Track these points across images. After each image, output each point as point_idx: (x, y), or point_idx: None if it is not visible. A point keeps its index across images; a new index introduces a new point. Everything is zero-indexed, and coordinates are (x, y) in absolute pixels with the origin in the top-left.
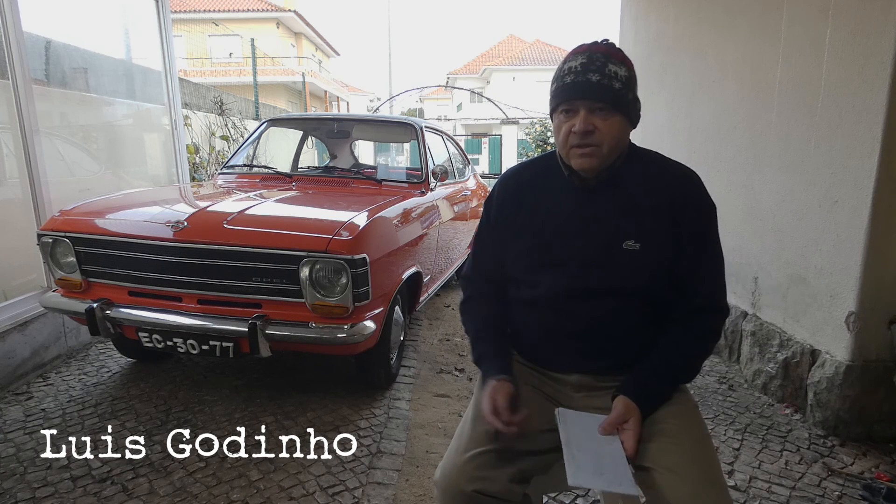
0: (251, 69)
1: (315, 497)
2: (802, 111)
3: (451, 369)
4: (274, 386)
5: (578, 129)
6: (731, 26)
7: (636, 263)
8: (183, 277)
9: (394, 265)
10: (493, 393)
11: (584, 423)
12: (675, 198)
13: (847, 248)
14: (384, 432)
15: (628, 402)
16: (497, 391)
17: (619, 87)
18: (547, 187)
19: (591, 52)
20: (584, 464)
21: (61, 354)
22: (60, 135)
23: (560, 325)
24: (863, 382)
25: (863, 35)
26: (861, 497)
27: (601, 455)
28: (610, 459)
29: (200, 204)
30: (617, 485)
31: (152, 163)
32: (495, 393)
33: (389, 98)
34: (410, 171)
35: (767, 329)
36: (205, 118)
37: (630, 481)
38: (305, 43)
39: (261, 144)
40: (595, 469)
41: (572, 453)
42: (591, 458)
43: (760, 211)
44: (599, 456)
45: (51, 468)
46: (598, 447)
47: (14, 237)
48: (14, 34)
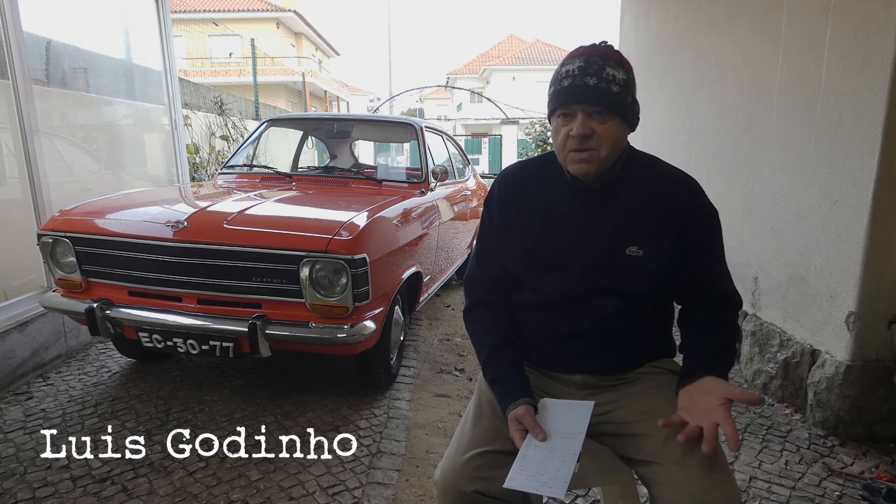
0: (251, 69)
1: (315, 497)
2: (802, 111)
3: (451, 369)
4: (274, 386)
5: (576, 134)
6: (731, 26)
7: (639, 269)
8: (183, 277)
9: (394, 265)
10: (516, 426)
11: (562, 413)
12: (677, 205)
13: (847, 248)
14: (384, 432)
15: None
16: (523, 418)
17: (616, 90)
18: (546, 188)
19: (589, 55)
20: (528, 465)
21: (61, 354)
22: (60, 135)
23: (562, 326)
24: (863, 382)
25: (863, 35)
26: (861, 497)
27: (554, 452)
28: (560, 459)
29: (200, 204)
30: (547, 488)
31: (152, 163)
32: (521, 420)
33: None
34: (410, 171)
35: (767, 329)
36: (205, 118)
37: (562, 486)
38: (305, 43)
39: (261, 144)
40: (536, 471)
41: (524, 454)
42: (540, 459)
43: (760, 211)
44: (551, 453)
45: (51, 468)
46: (558, 443)
47: (14, 237)
48: (14, 34)
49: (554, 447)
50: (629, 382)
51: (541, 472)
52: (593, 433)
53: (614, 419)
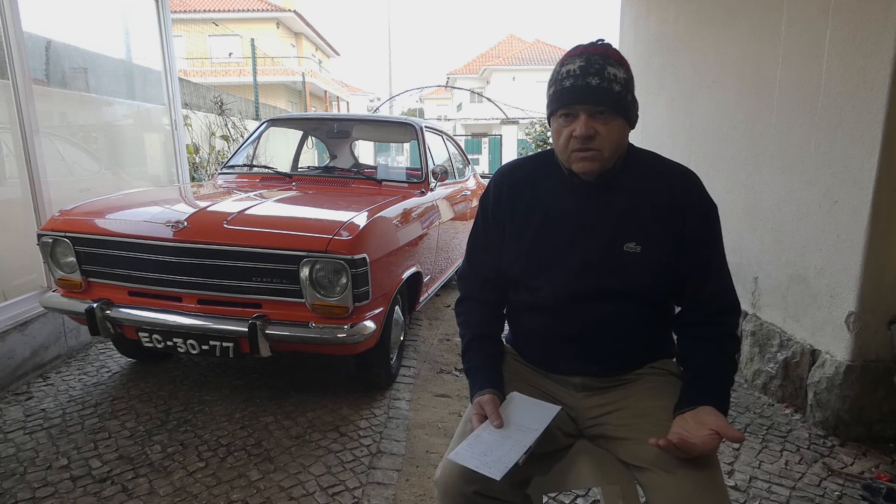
0: (251, 69)
1: (315, 497)
2: (802, 111)
3: (451, 369)
4: (274, 386)
5: (580, 134)
6: (731, 26)
7: (637, 265)
8: (183, 277)
9: (394, 265)
10: (477, 410)
11: (526, 409)
12: (675, 199)
13: (847, 247)
14: (384, 432)
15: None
16: (485, 404)
17: (618, 89)
18: (544, 186)
19: (589, 54)
20: (478, 444)
21: (61, 354)
22: (60, 135)
23: (561, 329)
24: (863, 382)
25: (863, 35)
26: (861, 497)
27: (506, 439)
28: (509, 447)
29: (200, 204)
30: (486, 468)
31: (152, 163)
32: (483, 406)
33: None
34: (410, 171)
35: (767, 329)
36: (205, 118)
37: (501, 470)
38: (305, 43)
39: (261, 144)
40: (482, 451)
41: (478, 434)
42: (492, 442)
43: (760, 211)
44: (503, 440)
45: (51, 468)
46: (513, 433)
47: (14, 237)
48: (14, 34)
49: (507, 436)
50: (628, 383)
51: (486, 454)
52: (591, 435)
53: (611, 421)
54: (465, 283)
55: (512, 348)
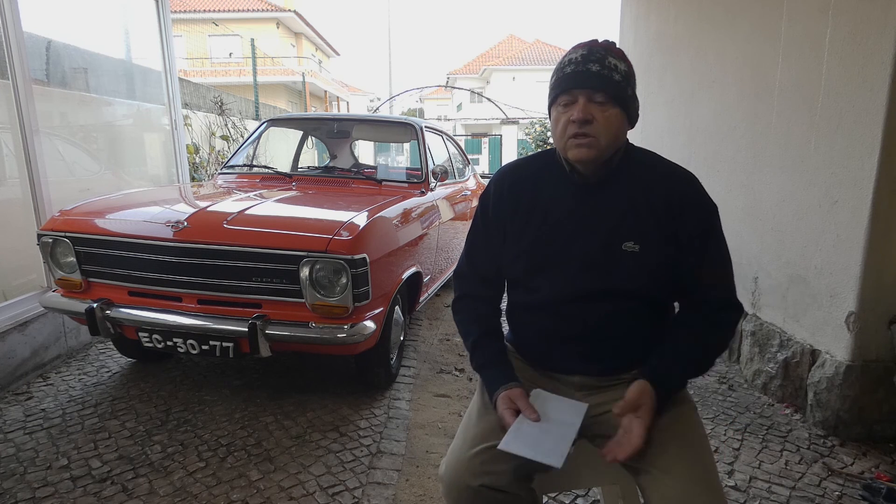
0: (251, 69)
1: (315, 497)
2: (802, 111)
3: (451, 369)
4: (274, 386)
5: (577, 118)
6: (731, 26)
7: (635, 265)
8: (183, 277)
9: (394, 265)
10: (508, 404)
11: (555, 405)
12: (674, 199)
13: (847, 248)
14: (384, 432)
15: (644, 387)
16: (516, 398)
17: (618, 79)
18: (544, 186)
19: (592, 45)
20: (523, 436)
21: (61, 354)
22: (60, 135)
23: (560, 328)
24: (863, 382)
25: (863, 35)
26: (861, 497)
27: (549, 432)
28: (556, 437)
29: (200, 204)
30: (543, 455)
31: (152, 163)
32: (510, 403)
33: (389, 98)
34: (410, 171)
35: (767, 329)
36: (205, 118)
37: (559, 456)
38: (305, 43)
39: (261, 144)
40: (533, 442)
41: (518, 427)
42: (536, 433)
43: (760, 211)
44: (546, 432)
45: (51, 468)
46: (553, 426)
47: (14, 237)
48: (14, 34)
49: (547, 429)
50: (628, 383)
51: (538, 443)
52: (589, 434)
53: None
54: (463, 280)
55: (511, 347)
